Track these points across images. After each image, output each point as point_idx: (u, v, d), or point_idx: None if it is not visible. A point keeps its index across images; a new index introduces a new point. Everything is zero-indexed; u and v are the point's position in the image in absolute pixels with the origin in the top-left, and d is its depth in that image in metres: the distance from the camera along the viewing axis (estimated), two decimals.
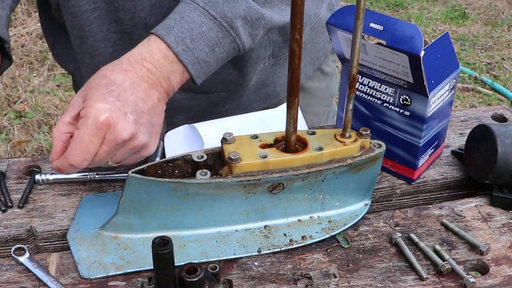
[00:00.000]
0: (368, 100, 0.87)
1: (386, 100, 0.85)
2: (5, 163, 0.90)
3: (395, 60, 0.79)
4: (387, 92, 0.85)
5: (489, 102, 2.90)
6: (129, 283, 0.71)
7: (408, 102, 0.83)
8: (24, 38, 3.09)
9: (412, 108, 0.83)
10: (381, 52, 0.80)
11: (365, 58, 0.83)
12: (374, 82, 0.86)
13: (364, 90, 0.87)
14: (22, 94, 2.71)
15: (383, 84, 0.85)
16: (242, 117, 0.93)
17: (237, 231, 0.78)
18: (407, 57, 0.77)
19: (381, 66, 0.83)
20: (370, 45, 0.80)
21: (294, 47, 0.66)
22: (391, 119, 0.86)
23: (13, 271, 0.72)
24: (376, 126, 0.88)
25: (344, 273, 0.74)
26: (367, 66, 0.85)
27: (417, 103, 0.82)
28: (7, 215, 0.80)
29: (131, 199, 0.73)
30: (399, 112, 0.84)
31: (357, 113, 0.89)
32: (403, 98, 0.83)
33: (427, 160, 0.90)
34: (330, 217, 0.81)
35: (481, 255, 0.76)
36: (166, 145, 0.89)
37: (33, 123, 2.55)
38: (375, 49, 0.80)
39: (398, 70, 0.80)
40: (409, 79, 0.80)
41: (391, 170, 0.90)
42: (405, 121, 0.84)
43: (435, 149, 0.91)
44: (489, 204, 0.85)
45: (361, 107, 0.89)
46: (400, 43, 0.77)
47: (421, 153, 0.86)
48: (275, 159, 0.73)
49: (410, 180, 0.89)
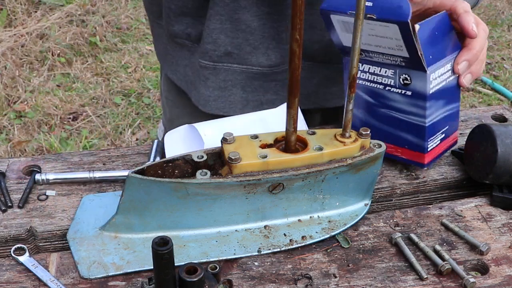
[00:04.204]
0: (370, 87, 0.87)
1: (387, 83, 0.85)
2: (5, 163, 0.90)
3: (387, 34, 0.79)
4: (387, 75, 0.84)
5: (489, 102, 2.90)
6: (129, 283, 0.71)
7: (408, 80, 0.82)
8: (24, 38, 3.09)
9: (413, 87, 0.82)
10: (373, 28, 0.80)
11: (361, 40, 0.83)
12: (374, 67, 0.86)
13: (365, 77, 0.87)
14: (22, 94, 2.71)
15: (382, 68, 0.85)
16: (242, 117, 0.93)
17: (237, 231, 0.78)
18: (397, 26, 0.77)
19: (376, 46, 0.82)
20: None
21: (294, 47, 0.66)
22: (394, 102, 0.86)
23: (13, 271, 0.72)
24: (382, 113, 0.88)
25: (344, 273, 0.74)
26: (365, 50, 0.84)
27: (417, 80, 0.81)
28: (7, 215, 0.80)
29: (131, 199, 0.73)
30: (401, 93, 0.84)
31: (362, 103, 0.89)
32: (403, 77, 0.83)
33: (438, 145, 0.89)
34: (330, 217, 0.81)
35: (481, 255, 0.76)
36: (166, 145, 0.89)
37: (33, 123, 2.56)
38: (367, 26, 0.80)
39: (392, 45, 0.80)
40: (404, 54, 0.80)
41: (403, 158, 0.90)
42: (408, 102, 0.84)
43: (446, 135, 0.90)
44: (489, 204, 0.85)
45: (366, 96, 0.89)
46: (388, 14, 0.77)
47: (429, 135, 0.85)
48: (275, 159, 0.73)
49: (422, 166, 0.88)
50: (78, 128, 2.57)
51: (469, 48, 0.85)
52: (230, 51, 1.00)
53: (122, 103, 2.75)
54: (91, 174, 0.86)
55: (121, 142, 2.52)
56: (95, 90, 2.80)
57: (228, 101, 1.04)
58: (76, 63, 3.00)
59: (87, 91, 2.80)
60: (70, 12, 3.34)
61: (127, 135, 2.55)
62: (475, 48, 0.84)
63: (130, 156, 0.93)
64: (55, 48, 3.04)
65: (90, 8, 3.42)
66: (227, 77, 1.02)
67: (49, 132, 2.52)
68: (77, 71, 2.93)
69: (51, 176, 0.86)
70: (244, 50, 0.99)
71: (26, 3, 3.35)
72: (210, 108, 1.05)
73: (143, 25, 3.42)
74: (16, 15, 3.28)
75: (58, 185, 0.86)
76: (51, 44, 3.06)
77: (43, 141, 2.44)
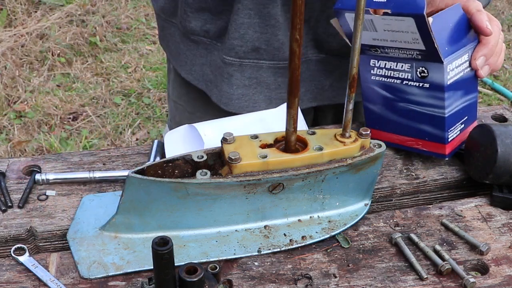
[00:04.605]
0: (388, 83, 0.88)
1: (405, 78, 0.86)
2: (5, 163, 0.90)
3: (403, 28, 0.80)
4: (403, 69, 0.86)
5: (489, 102, 2.90)
6: (129, 283, 0.71)
7: (425, 73, 0.83)
8: (24, 38, 3.09)
9: (430, 79, 0.83)
10: (388, 23, 0.81)
11: (376, 36, 0.84)
12: (390, 63, 0.87)
13: (382, 73, 0.88)
14: (22, 94, 2.71)
15: (398, 62, 0.86)
16: (242, 117, 0.93)
17: (237, 231, 0.78)
18: (413, 19, 0.78)
19: (392, 41, 0.83)
20: (378, 19, 0.81)
21: (294, 47, 0.66)
22: (413, 95, 0.87)
23: (13, 271, 0.72)
24: (401, 107, 0.89)
25: (344, 273, 0.74)
26: (380, 46, 0.85)
27: (434, 71, 0.82)
28: (7, 215, 0.80)
29: (131, 199, 0.73)
30: (419, 86, 0.85)
31: (379, 98, 0.90)
32: (420, 70, 0.84)
33: (458, 135, 0.90)
34: (330, 217, 0.81)
35: (481, 255, 0.76)
36: (166, 145, 0.89)
37: (33, 123, 2.55)
38: (382, 21, 0.81)
39: (408, 39, 0.81)
40: (420, 46, 0.81)
41: (423, 150, 0.90)
42: (426, 94, 0.85)
43: (465, 125, 0.91)
44: (489, 204, 0.85)
45: (384, 92, 0.90)
46: (403, 8, 0.78)
47: (449, 126, 0.86)
48: (275, 159, 0.73)
49: (443, 156, 0.89)
50: (78, 128, 2.57)
51: (484, 43, 0.87)
52: (257, 46, 0.99)
53: (122, 103, 2.75)
54: (91, 174, 0.86)
55: (121, 142, 2.52)
56: (95, 90, 2.80)
57: (252, 100, 1.04)
58: (76, 63, 3.00)
59: (87, 91, 2.80)
60: (70, 12, 3.33)
61: (127, 135, 2.55)
62: (490, 43, 0.87)
63: (130, 156, 0.93)
64: (55, 48, 3.04)
65: (90, 8, 3.42)
66: (253, 74, 1.02)
67: (49, 132, 2.52)
68: (77, 71, 2.93)
69: (51, 176, 0.86)
70: (272, 45, 0.99)
71: (26, 3, 3.35)
72: (233, 107, 1.05)
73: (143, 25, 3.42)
74: (16, 15, 3.28)
75: (58, 185, 0.86)
76: (51, 44, 3.06)
77: (43, 141, 2.44)
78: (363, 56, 0.89)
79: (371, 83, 0.91)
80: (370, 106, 0.93)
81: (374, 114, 0.93)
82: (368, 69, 0.90)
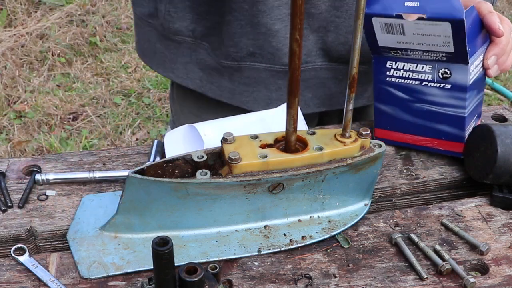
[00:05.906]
0: (405, 84, 0.89)
1: (425, 79, 0.87)
2: (5, 163, 0.90)
3: (436, 32, 0.81)
4: (424, 70, 0.86)
5: (489, 102, 2.90)
6: (129, 283, 0.71)
7: (448, 74, 0.84)
8: (24, 38, 3.09)
9: (453, 80, 0.84)
10: (420, 27, 0.81)
11: (402, 39, 0.84)
12: (410, 64, 0.87)
13: (399, 75, 0.89)
14: (22, 94, 2.71)
15: (419, 64, 0.86)
16: (242, 117, 0.93)
17: (237, 231, 0.78)
18: (450, 24, 0.78)
19: (419, 44, 0.84)
20: (409, 24, 0.81)
21: (294, 47, 0.66)
22: (432, 96, 0.87)
23: (13, 271, 0.72)
24: (417, 108, 0.89)
25: (344, 273, 0.74)
26: (403, 49, 0.86)
27: (457, 72, 0.83)
28: (7, 215, 0.80)
29: (131, 199, 0.73)
30: (440, 87, 0.86)
31: (393, 99, 0.91)
32: (442, 72, 0.84)
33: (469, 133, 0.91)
34: (330, 217, 0.81)
35: (481, 255, 0.76)
36: (166, 145, 0.89)
37: (33, 123, 2.56)
38: (414, 26, 0.81)
39: (438, 42, 0.82)
40: (449, 49, 0.81)
41: (438, 149, 0.91)
42: (446, 95, 0.86)
43: (475, 123, 0.92)
44: (489, 204, 0.85)
45: (399, 93, 0.90)
46: (440, 13, 0.78)
47: (467, 124, 0.87)
48: (275, 159, 0.73)
49: (460, 155, 0.90)
50: (78, 128, 2.57)
51: (496, 43, 0.89)
52: (253, 51, 1.00)
53: (122, 103, 2.75)
54: (91, 174, 0.86)
55: (121, 142, 2.52)
56: (95, 90, 2.80)
57: (252, 97, 1.05)
58: (76, 63, 3.00)
59: (87, 91, 2.80)
60: (70, 12, 3.33)
61: (127, 135, 2.55)
62: (501, 43, 0.89)
63: (130, 156, 0.93)
64: (55, 48, 3.04)
65: (90, 8, 3.42)
66: (252, 74, 1.03)
67: (49, 132, 2.52)
68: (77, 71, 2.93)
69: (51, 176, 0.86)
70: (266, 50, 1.00)
71: (26, 3, 3.35)
72: (236, 101, 1.06)
73: None
74: (16, 15, 3.28)
75: (58, 185, 0.86)
76: (51, 44, 3.06)
77: (43, 141, 2.44)
78: (378, 57, 0.89)
79: (385, 84, 0.91)
80: (382, 107, 0.93)
81: (385, 114, 0.93)
82: (383, 71, 0.90)
